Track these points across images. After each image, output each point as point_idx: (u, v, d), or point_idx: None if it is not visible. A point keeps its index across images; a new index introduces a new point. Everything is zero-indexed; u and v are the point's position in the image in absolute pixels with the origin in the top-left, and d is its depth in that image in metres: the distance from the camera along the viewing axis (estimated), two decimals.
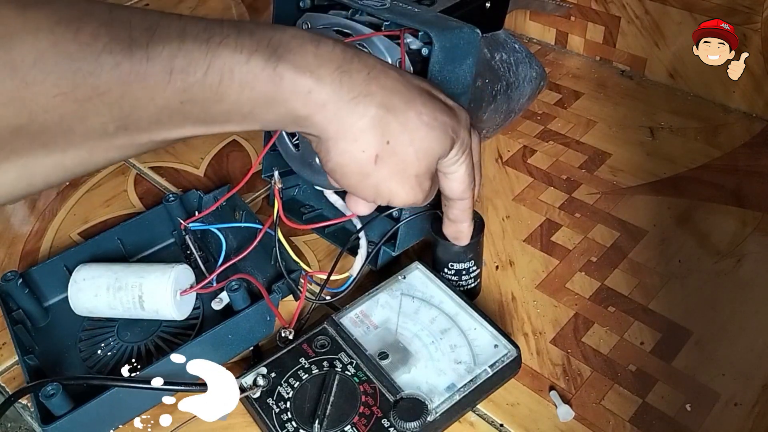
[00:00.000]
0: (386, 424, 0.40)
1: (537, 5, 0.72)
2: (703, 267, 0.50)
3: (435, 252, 0.47)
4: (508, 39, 0.58)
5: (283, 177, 0.50)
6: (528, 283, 0.50)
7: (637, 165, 0.59)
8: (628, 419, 0.42)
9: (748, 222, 0.53)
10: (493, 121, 0.57)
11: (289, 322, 0.46)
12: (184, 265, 0.47)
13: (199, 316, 0.48)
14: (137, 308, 0.45)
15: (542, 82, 0.61)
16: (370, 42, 0.45)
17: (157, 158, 0.64)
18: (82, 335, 0.48)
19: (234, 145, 0.65)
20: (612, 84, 0.68)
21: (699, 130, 0.62)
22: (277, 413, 0.41)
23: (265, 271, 0.49)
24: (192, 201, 0.54)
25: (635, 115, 0.64)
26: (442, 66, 0.44)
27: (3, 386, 0.47)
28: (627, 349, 0.46)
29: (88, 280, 0.46)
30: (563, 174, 0.59)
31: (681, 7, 0.62)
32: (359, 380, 0.42)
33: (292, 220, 0.48)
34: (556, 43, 0.73)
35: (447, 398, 0.41)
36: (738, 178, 0.57)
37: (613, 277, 0.50)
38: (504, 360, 0.42)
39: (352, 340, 0.44)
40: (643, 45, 0.66)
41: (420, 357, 0.43)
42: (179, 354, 0.43)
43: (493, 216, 0.55)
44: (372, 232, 0.50)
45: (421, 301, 0.46)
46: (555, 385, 0.44)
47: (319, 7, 0.50)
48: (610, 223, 0.54)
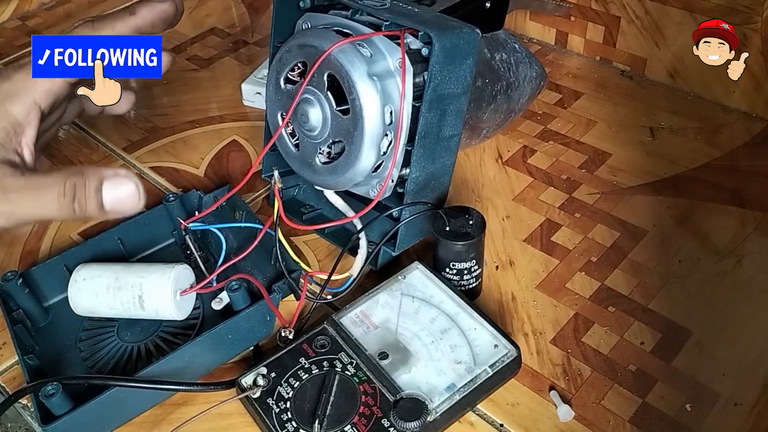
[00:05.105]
0: (386, 424, 0.40)
1: (537, 5, 0.72)
2: (703, 267, 0.50)
3: (436, 252, 0.47)
4: (508, 39, 0.58)
5: (283, 177, 0.50)
6: (528, 283, 0.50)
7: (637, 165, 0.59)
8: (628, 419, 0.42)
9: (748, 222, 0.53)
10: (493, 121, 0.57)
11: (289, 322, 0.46)
12: (184, 265, 0.47)
13: (199, 316, 0.48)
14: (137, 308, 0.45)
15: (542, 82, 0.61)
16: (370, 42, 0.45)
17: (157, 158, 0.64)
18: (82, 335, 0.48)
19: (234, 145, 0.65)
20: (612, 84, 0.68)
21: (699, 130, 0.62)
22: (277, 413, 0.41)
23: (265, 271, 0.49)
24: (192, 201, 0.54)
25: (635, 115, 0.64)
26: (442, 66, 0.44)
27: (3, 386, 0.47)
28: (627, 349, 0.46)
29: (88, 280, 0.46)
30: (563, 174, 0.59)
31: (681, 7, 0.62)
32: (359, 380, 0.42)
33: (292, 220, 0.48)
34: (556, 43, 0.73)
35: (447, 398, 0.41)
36: (738, 178, 0.57)
37: (613, 277, 0.50)
38: (504, 360, 0.42)
39: (352, 340, 0.44)
40: (643, 45, 0.66)
41: (420, 357, 0.43)
42: (179, 354, 0.43)
43: (493, 216, 0.55)
44: (372, 233, 0.50)
45: (421, 301, 0.46)
46: (555, 385, 0.44)
47: (319, 7, 0.50)
48: (610, 223, 0.54)
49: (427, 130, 0.46)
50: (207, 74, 0.75)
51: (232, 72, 0.74)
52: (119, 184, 0.38)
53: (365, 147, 0.45)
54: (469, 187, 0.58)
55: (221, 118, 0.68)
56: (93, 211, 0.38)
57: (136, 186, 0.38)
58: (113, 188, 0.37)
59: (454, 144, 0.49)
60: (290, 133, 0.50)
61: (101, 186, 0.37)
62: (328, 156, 0.48)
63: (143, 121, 0.69)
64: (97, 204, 0.37)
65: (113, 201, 0.37)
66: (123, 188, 0.38)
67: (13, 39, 0.83)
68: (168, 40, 0.77)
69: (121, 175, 0.38)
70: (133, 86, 0.50)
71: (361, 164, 0.46)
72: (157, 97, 0.72)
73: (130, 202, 0.38)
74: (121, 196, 0.38)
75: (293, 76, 0.48)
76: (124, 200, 0.38)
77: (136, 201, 0.38)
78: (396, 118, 0.45)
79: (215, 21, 0.84)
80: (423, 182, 0.48)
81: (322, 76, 0.45)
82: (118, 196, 0.38)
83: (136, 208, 0.39)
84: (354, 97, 0.44)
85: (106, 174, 0.38)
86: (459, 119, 0.48)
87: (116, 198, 0.37)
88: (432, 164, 0.48)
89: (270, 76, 0.50)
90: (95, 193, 0.37)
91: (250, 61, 0.76)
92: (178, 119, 0.69)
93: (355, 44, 0.45)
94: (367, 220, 0.49)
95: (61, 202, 0.37)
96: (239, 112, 0.69)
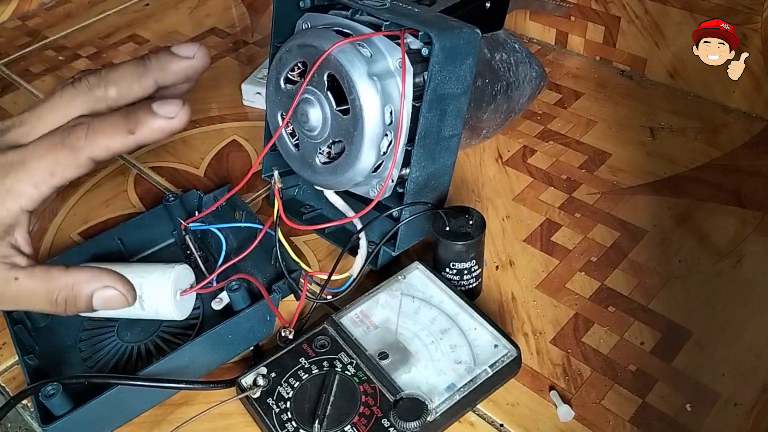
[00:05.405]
0: (386, 424, 0.40)
1: (537, 5, 0.72)
2: (703, 267, 0.50)
3: (436, 252, 0.47)
4: (508, 39, 0.58)
5: (283, 177, 0.50)
6: (528, 283, 0.50)
7: (637, 165, 0.59)
8: (628, 419, 0.42)
9: (748, 222, 0.53)
10: (493, 121, 0.57)
11: (289, 322, 0.46)
12: (184, 265, 0.47)
13: (199, 316, 0.48)
14: (137, 308, 0.45)
15: (542, 82, 0.61)
16: (370, 42, 0.45)
17: (157, 158, 0.64)
18: (82, 335, 0.48)
19: (234, 145, 0.65)
20: (612, 84, 0.68)
21: (699, 130, 0.62)
22: (277, 413, 0.41)
23: (265, 271, 0.49)
24: (192, 201, 0.54)
25: (635, 115, 0.64)
26: (442, 66, 0.44)
27: (3, 386, 0.47)
28: (627, 349, 0.46)
29: None
30: (563, 174, 0.59)
31: (681, 7, 0.62)
32: (359, 380, 0.42)
33: (292, 220, 0.48)
34: (556, 43, 0.73)
35: (447, 398, 0.41)
36: (738, 178, 0.57)
37: (613, 277, 0.50)
38: (504, 360, 0.42)
39: (352, 340, 0.44)
40: (643, 45, 0.66)
41: (420, 357, 0.43)
42: (179, 354, 0.43)
43: (493, 216, 0.55)
44: (372, 232, 0.50)
45: (421, 301, 0.46)
46: (555, 385, 0.44)
47: (319, 7, 0.50)
48: (610, 223, 0.54)
49: (427, 130, 0.46)
50: (207, 74, 0.74)
51: (232, 72, 0.74)
52: (107, 291, 0.41)
53: (365, 147, 0.45)
54: (469, 187, 0.58)
55: (221, 118, 0.68)
56: (82, 311, 0.41)
57: (122, 292, 0.41)
58: (102, 295, 0.41)
59: (454, 144, 0.49)
60: (290, 133, 0.50)
61: (91, 297, 0.40)
62: (328, 156, 0.48)
63: None
64: (87, 308, 0.41)
65: (103, 304, 0.41)
66: (111, 295, 0.41)
67: (13, 39, 0.83)
68: (168, 41, 0.77)
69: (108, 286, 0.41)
70: None
71: (361, 164, 0.46)
72: None
73: (119, 303, 0.42)
74: (109, 300, 0.41)
75: (293, 76, 0.48)
76: (114, 302, 0.41)
77: (125, 302, 0.42)
78: (396, 118, 0.45)
79: (215, 21, 0.84)
80: (423, 182, 0.48)
81: (322, 76, 0.45)
82: (107, 300, 0.41)
83: (126, 305, 0.42)
84: (354, 97, 0.44)
85: (95, 287, 0.40)
86: (459, 119, 0.48)
87: (105, 302, 0.41)
88: (432, 164, 0.48)
89: (270, 76, 0.50)
90: (85, 302, 0.40)
91: (250, 61, 0.76)
92: None
93: (355, 44, 0.45)
94: (367, 220, 0.49)
95: (52, 309, 0.40)
96: (239, 112, 0.69)
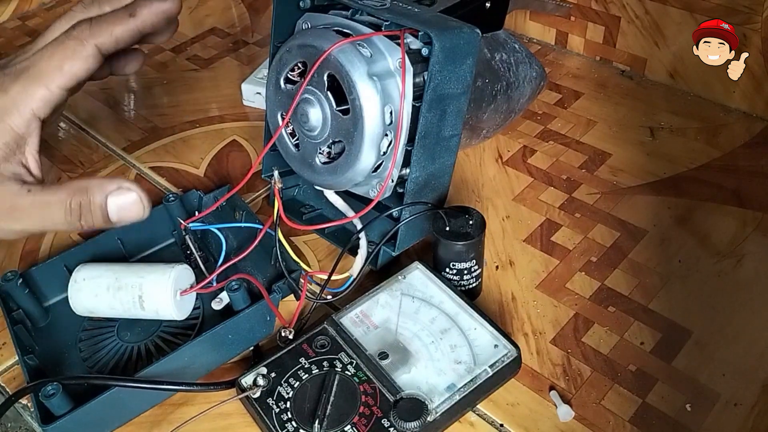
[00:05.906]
0: (386, 424, 0.40)
1: (537, 5, 0.72)
2: (703, 267, 0.50)
3: (436, 252, 0.47)
4: (508, 39, 0.58)
5: (283, 177, 0.50)
6: (528, 283, 0.50)
7: (637, 165, 0.59)
8: (628, 419, 0.42)
9: (748, 222, 0.53)
10: (493, 121, 0.57)
11: (289, 322, 0.46)
12: (184, 265, 0.47)
13: (199, 316, 0.48)
14: (137, 308, 0.45)
15: (542, 82, 0.61)
16: (370, 42, 0.45)
17: (157, 158, 0.64)
18: (82, 335, 0.48)
19: (234, 145, 0.65)
20: (612, 84, 0.68)
21: (699, 130, 0.62)
22: (277, 413, 0.41)
23: (265, 271, 0.49)
24: (192, 201, 0.54)
25: (635, 115, 0.64)
26: (442, 66, 0.44)
27: (3, 386, 0.47)
28: (627, 349, 0.46)
29: (88, 280, 0.46)
30: (563, 174, 0.59)
31: (681, 7, 0.62)
32: (359, 380, 0.42)
33: (292, 220, 0.48)
34: (556, 43, 0.73)
35: (447, 398, 0.41)
36: (738, 178, 0.57)
37: (613, 277, 0.50)
38: (504, 360, 0.42)
39: (352, 340, 0.44)
40: (643, 45, 0.66)
41: (420, 357, 0.43)
42: (179, 354, 0.43)
43: (493, 216, 0.55)
44: (372, 233, 0.50)
45: (421, 301, 0.46)
46: (555, 385, 0.44)
47: (319, 7, 0.50)
48: (610, 223, 0.54)
49: (427, 130, 0.46)
50: (207, 74, 0.75)
51: (232, 72, 0.75)
52: (123, 195, 0.39)
53: (365, 147, 0.45)
54: (469, 187, 0.58)
55: (221, 118, 0.68)
56: (99, 224, 0.39)
57: (138, 195, 0.39)
58: (117, 200, 0.39)
59: (454, 144, 0.49)
60: (290, 133, 0.50)
61: (106, 201, 0.38)
62: (328, 156, 0.48)
63: (143, 121, 0.69)
64: (103, 217, 0.38)
65: (118, 212, 0.39)
66: (127, 199, 0.39)
67: (13, 39, 0.83)
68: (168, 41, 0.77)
69: (124, 187, 0.39)
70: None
71: (361, 164, 0.46)
72: (157, 97, 0.72)
73: (135, 211, 0.39)
74: (125, 206, 0.39)
75: (293, 76, 0.48)
76: (129, 210, 0.39)
77: (141, 209, 0.39)
78: (396, 118, 0.45)
79: (215, 21, 0.84)
80: (423, 182, 0.48)
81: (322, 76, 0.45)
82: (123, 207, 0.39)
83: (142, 215, 0.40)
84: (354, 97, 0.44)
85: (109, 189, 0.39)
86: (459, 119, 0.48)
87: (121, 209, 0.39)
88: (432, 164, 0.48)
89: (270, 76, 0.50)
90: (100, 208, 0.38)
91: (250, 61, 0.76)
92: (178, 119, 0.69)
93: (355, 44, 0.45)
94: (367, 220, 0.49)
95: (68, 219, 0.38)
96: (239, 112, 0.69)
